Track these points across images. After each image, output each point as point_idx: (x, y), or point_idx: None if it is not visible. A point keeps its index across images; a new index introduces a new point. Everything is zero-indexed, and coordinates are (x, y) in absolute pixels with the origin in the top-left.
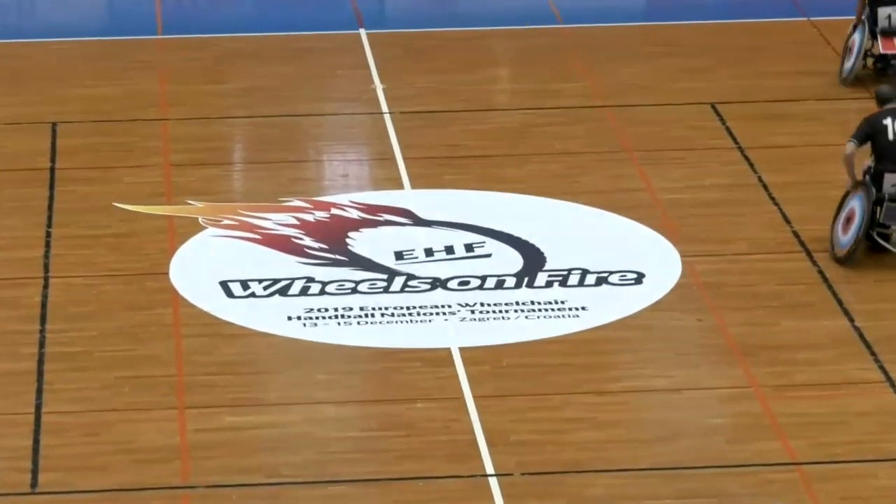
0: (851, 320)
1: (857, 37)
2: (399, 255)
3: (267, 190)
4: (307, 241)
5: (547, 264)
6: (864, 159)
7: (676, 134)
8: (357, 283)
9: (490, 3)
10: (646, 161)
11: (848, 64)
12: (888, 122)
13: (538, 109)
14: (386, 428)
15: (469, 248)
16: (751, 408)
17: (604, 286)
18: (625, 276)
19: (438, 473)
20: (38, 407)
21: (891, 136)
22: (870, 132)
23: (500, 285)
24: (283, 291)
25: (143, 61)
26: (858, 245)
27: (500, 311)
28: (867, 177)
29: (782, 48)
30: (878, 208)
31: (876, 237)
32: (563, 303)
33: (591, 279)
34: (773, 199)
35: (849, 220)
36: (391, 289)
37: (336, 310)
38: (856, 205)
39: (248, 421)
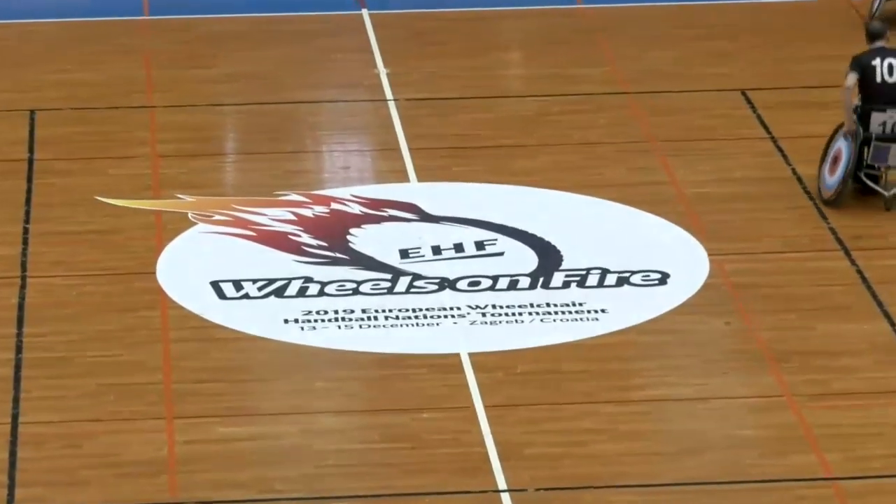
0: (892, 324)
1: None
2: (404, 254)
3: (262, 183)
4: (305, 238)
5: (564, 263)
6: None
7: (704, 123)
8: (359, 283)
9: None
10: (671, 152)
11: (875, 4)
12: (877, 62)
13: (554, 96)
14: (389, 440)
15: (480, 245)
16: (783, 418)
17: (625, 287)
18: (648, 276)
19: (446, 489)
20: (15, 417)
21: (878, 78)
22: (858, 70)
23: (513, 286)
24: (280, 292)
25: (128, 44)
26: (845, 187)
27: (514, 314)
28: (854, 116)
29: (818, 30)
30: (866, 149)
31: (864, 178)
32: (581, 305)
33: (611, 279)
34: (807, 192)
35: (835, 160)
36: (396, 289)
37: (336, 312)
38: (842, 145)
39: (240, 432)
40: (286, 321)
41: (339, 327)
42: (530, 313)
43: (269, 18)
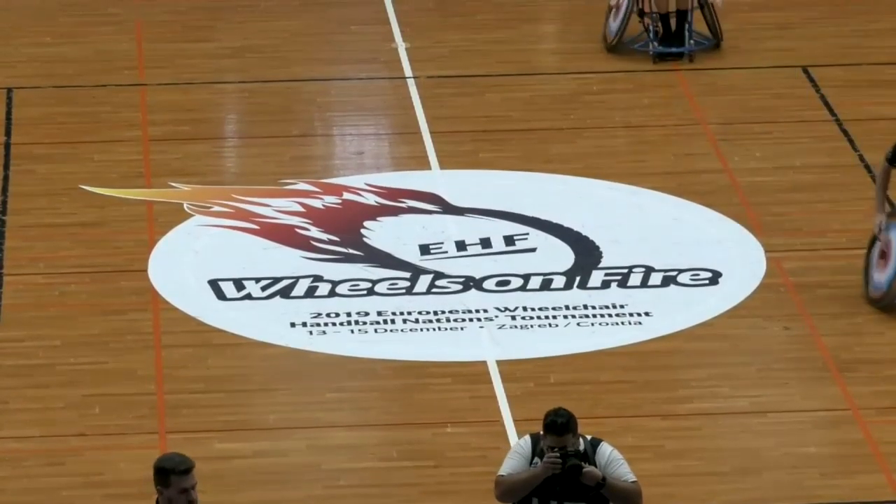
0: None
1: None
2: (425, 250)
3: (266, 170)
4: (314, 232)
5: (603, 261)
6: None
7: (760, 103)
8: (374, 282)
9: None
10: (724, 136)
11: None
12: None
13: (593, 74)
14: (409, 457)
15: (509, 240)
16: (849, 434)
17: (671, 287)
18: (697, 275)
19: None
20: None
21: None
22: None
23: (546, 286)
24: (286, 292)
25: (115, 14)
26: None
27: (547, 317)
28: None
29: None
30: None
31: None
32: (622, 307)
33: (656, 279)
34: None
35: (884, 255)
36: (415, 290)
37: (349, 315)
38: (893, 236)
39: (241, 448)
40: (293, 324)
41: (353, 332)
42: (565, 316)
43: None
